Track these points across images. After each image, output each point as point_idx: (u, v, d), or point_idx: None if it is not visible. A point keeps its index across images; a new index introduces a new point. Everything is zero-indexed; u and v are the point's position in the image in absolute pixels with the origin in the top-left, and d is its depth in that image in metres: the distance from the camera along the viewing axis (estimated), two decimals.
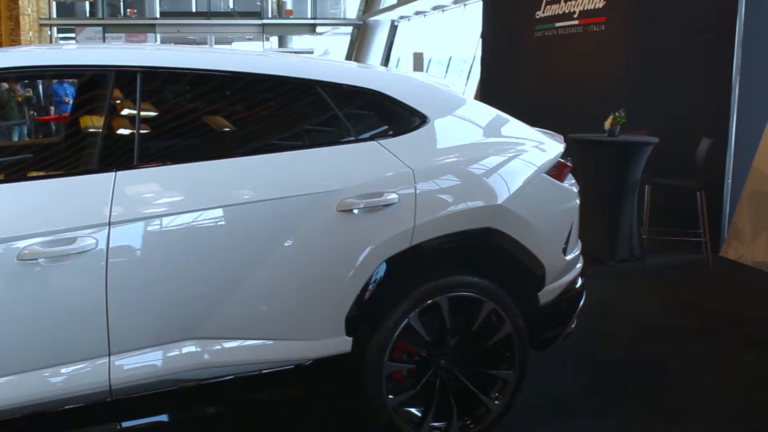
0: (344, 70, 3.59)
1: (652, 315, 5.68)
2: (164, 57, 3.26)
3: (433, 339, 3.40)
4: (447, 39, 21.93)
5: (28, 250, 2.76)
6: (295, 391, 3.37)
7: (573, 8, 9.86)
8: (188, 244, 2.99)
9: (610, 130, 7.24)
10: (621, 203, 7.18)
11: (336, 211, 3.14)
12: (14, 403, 2.84)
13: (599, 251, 7.07)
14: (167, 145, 3.25)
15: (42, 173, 3.32)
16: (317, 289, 3.18)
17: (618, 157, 7.13)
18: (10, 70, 3.10)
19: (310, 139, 3.43)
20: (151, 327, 2.97)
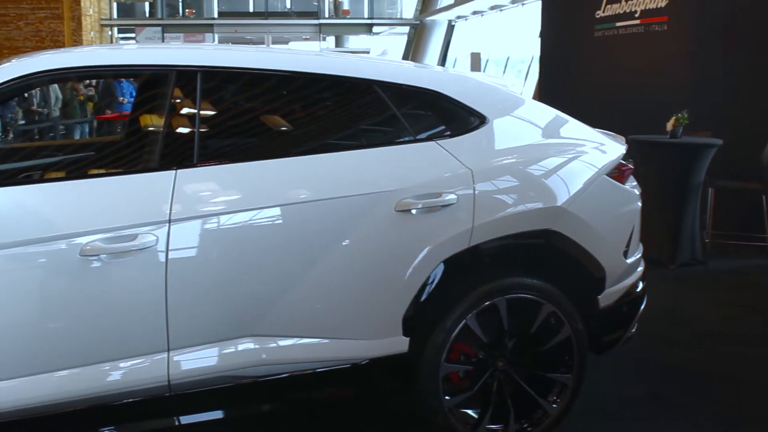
0: (403, 70, 3.58)
1: (713, 320, 5.56)
2: (224, 56, 3.29)
3: (491, 341, 3.36)
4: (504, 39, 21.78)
5: (90, 246, 2.80)
6: (349, 391, 3.38)
7: (634, 7, 9.70)
8: (246, 242, 3.01)
9: (672, 132, 7.10)
10: (683, 206, 7.04)
11: (394, 211, 3.13)
12: (75, 396, 2.89)
13: (660, 254, 6.95)
14: (226, 144, 3.28)
15: (104, 171, 3.38)
16: (374, 289, 3.17)
17: (680, 159, 6.99)
18: (74, 70, 3.16)
19: (368, 139, 3.43)
20: (209, 323, 3.00)
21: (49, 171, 3.82)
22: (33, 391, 2.84)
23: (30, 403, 2.84)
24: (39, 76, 3.03)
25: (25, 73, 2.98)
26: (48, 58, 3.12)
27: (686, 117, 7.06)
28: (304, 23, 27.77)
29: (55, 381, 2.86)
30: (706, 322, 5.52)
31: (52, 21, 22.48)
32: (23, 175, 3.80)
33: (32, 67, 3.01)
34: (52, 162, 3.95)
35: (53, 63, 3.09)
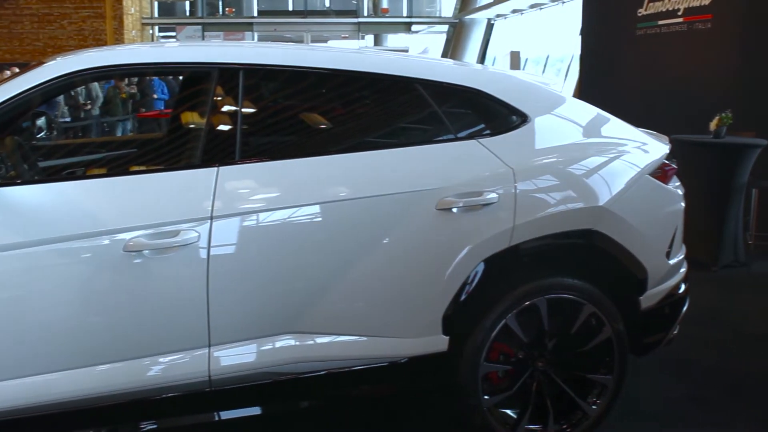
0: (444, 68, 3.58)
1: (756, 322, 5.47)
2: (265, 54, 3.31)
3: (531, 341, 3.35)
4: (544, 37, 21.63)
5: (133, 242, 2.83)
6: (388, 389, 3.38)
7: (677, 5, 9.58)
8: (286, 239, 3.02)
9: (715, 131, 6.99)
10: (726, 207, 6.93)
11: (435, 209, 3.12)
12: (117, 390, 2.93)
13: (703, 256, 6.85)
14: (267, 141, 3.30)
15: (147, 167, 3.42)
16: (414, 287, 3.17)
17: (724, 159, 6.88)
18: (118, 68, 3.20)
19: (409, 137, 3.43)
20: (249, 320, 3.02)
21: (93, 167, 3.88)
22: (75, 384, 2.88)
23: (72, 397, 2.88)
24: (84, 73, 3.07)
25: (70, 70, 3.02)
26: (93, 56, 3.16)
27: (730, 117, 6.95)
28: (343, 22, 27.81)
29: (97, 375, 2.90)
30: (749, 324, 5.43)
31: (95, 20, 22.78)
32: (68, 171, 3.87)
33: (77, 65, 3.05)
34: (96, 158, 4.01)
35: (98, 61, 3.13)
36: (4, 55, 21.74)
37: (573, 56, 18.54)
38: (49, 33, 22.65)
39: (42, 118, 4.04)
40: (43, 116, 4.05)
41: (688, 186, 3.98)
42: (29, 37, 22.69)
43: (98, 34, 22.60)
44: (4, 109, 2.92)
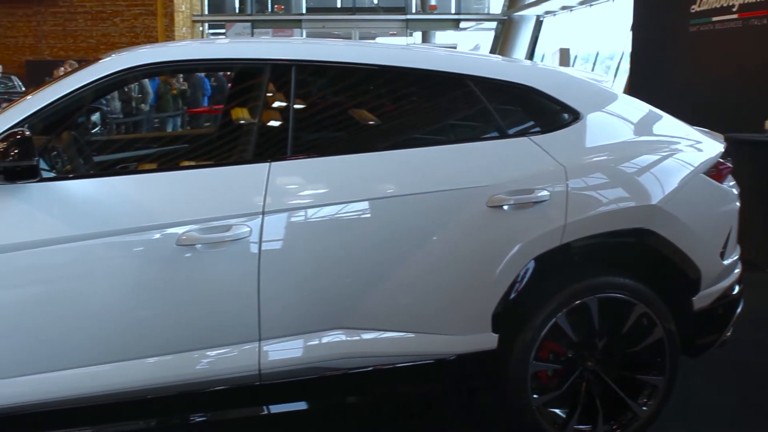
0: (496, 65, 3.56)
1: None
2: (317, 50, 3.33)
3: (581, 340, 3.31)
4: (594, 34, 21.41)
5: (186, 236, 2.87)
6: (435, 386, 3.38)
7: (732, 1, 9.41)
8: (336, 235, 3.04)
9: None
10: None
11: (486, 206, 3.11)
12: (167, 382, 2.97)
13: (757, 257, 6.72)
14: (318, 137, 3.32)
15: (200, 162, 3.45)
16: (464, 285, 3.16)
17: None
18: (172, 64, 3.25)
19: (460, 134, 3.43)
20: (299, 314, 3.04)
21: (147, 162, 3.94)
22: (126, 376, 2.93)
23: (123, 388, 2.93)
24: (139, 69, 3.12)
25: (125, 66, 3.06)
26: (148, 53, 3.21)
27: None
28: (391, 18, 27.82)
29: (147, 367, 2.94)
30: None
31: (146, 17, 23.10)
32: (121, 166, 3.93)
33: (132, 61, 3.10)
34: (149, 153, 4.06)
35: (153, 57, 3.18)
36: (59, 52, 22.16)
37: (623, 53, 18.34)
38: (101, 30, 23.03)
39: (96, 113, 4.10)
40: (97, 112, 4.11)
41: (744, 185, 3.91)
42: (83, 34, 23.09)
43: (149, 31, 22.92)
44: (62, 104, 2.97)
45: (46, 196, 2.84)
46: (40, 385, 2.86)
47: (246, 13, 28.31)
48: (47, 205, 2.83)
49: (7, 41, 22.77)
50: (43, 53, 21.29)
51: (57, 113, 3.03)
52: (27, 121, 2.89)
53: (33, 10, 22.87)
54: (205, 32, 27.31)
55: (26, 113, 2.92)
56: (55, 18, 22.97)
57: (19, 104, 3.03)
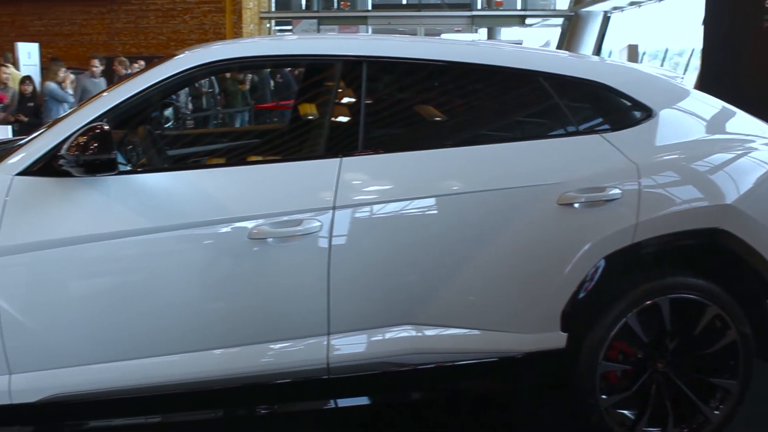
0: (567, 61, 3.53)
1: None
2: (389, 46, 3.34)
3: (651, 341, 3.26)
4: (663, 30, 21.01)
5: (257, 229, 2.91)
6: (502, 384, 3.37)
7: None
8: (406, 230, 3.05)
9: None
10: None
11: (556, 204, 3.09)
12: (237, 374, 3.02)
13: None
14: (388, 133, 3.33)
15: (271, 157, 3.50)
16: (533, 282, 3.15)
17: None
18: (247, 60, 3.30)
19: (531, 131, 3.40)
20: (368, 309, 3.06)
21: (219, 157, 4.00)
22: (196, 366, 2.98)
23: (192, 378, 2.99)
24: (214, 65, 3.17)
25: (200, 62, 3.12)
26: (222, 49, 3.26)
27: None
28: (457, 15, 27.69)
29: (217, 358, 3.00)
30: None
31: (215, 14, 23.41)
32: (194, 159, 4.00)
33: (208, 57, 3.16)
34: (222, 148, 4.13)
35: (227, 53, 3.23)
36: (130, 49, 22.60)
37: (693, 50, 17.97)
38: (172, 27, 23.42)
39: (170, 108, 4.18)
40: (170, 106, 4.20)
41: None
42: (153, 31, 23.53)
43: (218, 28, 23.24)
44: (138, 99, 3.04)
45: (122, 189, 2.91)
46: (111, 374, 2.94)
47: (312, 9, 28.49)
48: (124, 197, 2.90)
49: (81, 38, 23.33)
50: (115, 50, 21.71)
51: (133, 108, 3.11)
52: (105, 116, 2.97)
53: (107, 8, 23.39)
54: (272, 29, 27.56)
55: (105, 108, 2.99)
56: (128, 15, 23.45)
57: (98, 99, 3.11)
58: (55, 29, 23.38)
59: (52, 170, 2.87)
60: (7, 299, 2.82)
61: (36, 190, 2.87)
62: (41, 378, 2.90)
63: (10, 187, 2.85)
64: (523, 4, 28.51)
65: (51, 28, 23.37)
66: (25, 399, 2.89)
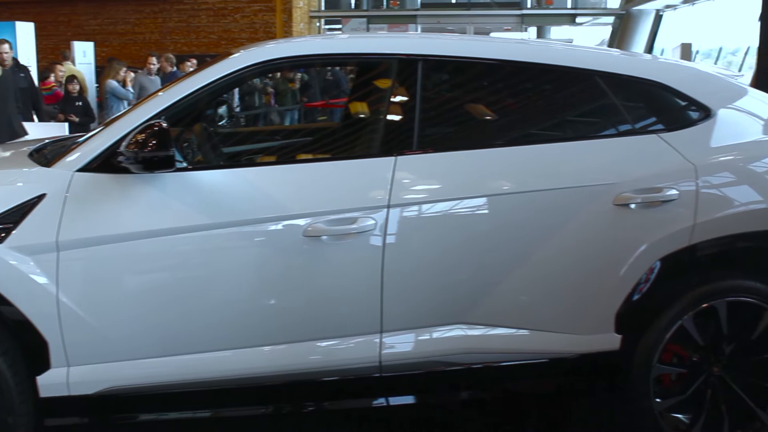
0: (623, 60, 3.51)
1: None
2: (444, 45, 3.34)
3: (707, 344, 3.21)
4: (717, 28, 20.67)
5: (312, 227, 2.93)
6: (554, 385, 3.34)
7: None
8: (460, 229, 3.05)
9: None
10: None
11: (612, 204, 3.06)
12: (286, 370, 3.04)
13: None
14: (443, 131, 3.33)
15: (326, 155, 3.51)
16: (587, 283, 3.12)
17: None
18: (303, 58, 3.34)
19: (587, 130, 3.37)
20: (421, 308, 3.06)
21: (273, 154, 4.03)
22: (248, 362, 3.01)
23: (244, 374, 3.02)
24: (269, 63, 3.20)
25: (255, 61, 3.15)
26: (278, 47, 3.29)
27: None
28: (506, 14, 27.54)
29: (268, 355, 3.02)
30: None
31: (266, 13, 23.58)
32: (248, 157, 4.04)
33: (263, 56, 3.18)
34: (276, 146, 4.16)
35: (282, 52, 3.25)
36: (182, 48, 22.88)
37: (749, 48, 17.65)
38: (223, 26, 23.65)
39: (223, 106, 4.24)
40: (224, 104, 4.26)
41: None
42: (205, 30, 23.78)
43: (268, 27, 23.40)
44: (196, 97, 3.09)
45: (179, 186, 2.95)
46: (163, 368, 2.98)
47: (362, 8, 28.56)
48: (180, 194, 2.94)
49: (135, 37, 23.69)
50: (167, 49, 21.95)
51: (190, 106, 3.15)
52: (163, 114, 3.01)
53: (159, 7, 23.71)
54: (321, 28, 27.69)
55: (163, 106, 3.04)
56: (180, 15, 23.74)
57: (156, 97, 3.16)
58: (109, 28, 23.77)
59: (111, 167, 2.92)
60: (67, 293, 2.87)
61: (95, 186, 2.92)
62: (98, 371, 2.95)
63: (71, 184, 2.91)
64: (574, 2, 28.22)
65: (105, 27, 23.77)
66: (82, 391, 2.95)
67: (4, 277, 2.84)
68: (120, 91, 11.20)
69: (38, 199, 2.88)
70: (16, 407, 2.91)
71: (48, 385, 2.93)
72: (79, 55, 15.41)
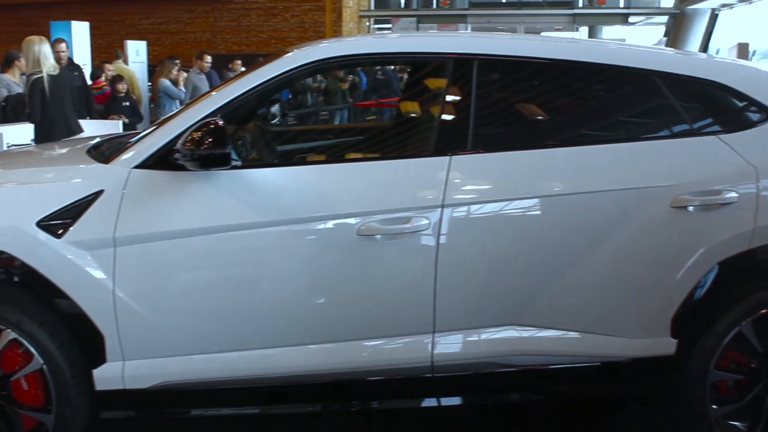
0: (682, 60, 3.45)
1: None
2: (500, 44, 3.31)
3: (766, 351, 3.14)
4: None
5: (366, 226, 2.92)
6: (607, 388, 3.30)
7: None
8: (514, 231, 3.03)
9: None
10: None
11: (669, 207, 3.01)
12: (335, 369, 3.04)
13: None
14: (498, 132, 3.31)
15: (379, 154, 3.51)
16: (643, 287, 3.08)
17: None
18: (358, 57, 3.34)
19: (645, 131, 3.33)
20: (474, 308, 3.05)
21: (326, 153, 4.05)
22: (299, 360, 3.02)
23: (296, 372, 3.03)
24: (323, 62, 3.21)
25: (310, 60, 3.16)
26: (331, 46, 3.30)
27: None
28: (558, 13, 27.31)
29: (320, 353, 3.03)
30: None
31: (315, 13, 23.70)
32: (300, 155, 4.06)
33: (317, 55, 3.20)
34: (329, 144, 4.18)
35: (336, 51, 3.26)
36: (232, 47, 23.12)
37: None
38: (273, 26, 23.83)
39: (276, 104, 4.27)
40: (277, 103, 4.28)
41: None
42: (255, 29, 23.98)
43: (318, 27, 23.51)
44: (251, 96, 3.11)
45: (234, 183, 2.97)
46: (214, 364, 3.01)
47: (411, 8, 28.55)
48: (235, 191, 2.96)
49: (186, 36, 23.99)
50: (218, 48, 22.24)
51: (245, 104, 3.18)
52: (219, 112, 3.03)
53: (210, 7, 23.97)
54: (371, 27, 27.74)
55: (219, 104, 3.06)
56: (230, 14, 23.97)
57: (211, 95, 3.18)
58: (162, 27, 24.12)
59: (167, 164, 2.96)
60: (123, 288, 2.91)
61: (151, 183, 2.96)
62: (152, 366, 2.99)
63: (128, 180, 2.95)
64: (627, 2, 27.89)
65: (158, 26, 24.13)
66: (137, 385, 2.99)
67: (62, 271, 2.89)
68: (172, 90, 11.35)
69: (96, 195, 2.93)
70: (72, 399, 2.96)
71: (104, 378, 2.98)
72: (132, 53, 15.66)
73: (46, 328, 2.93)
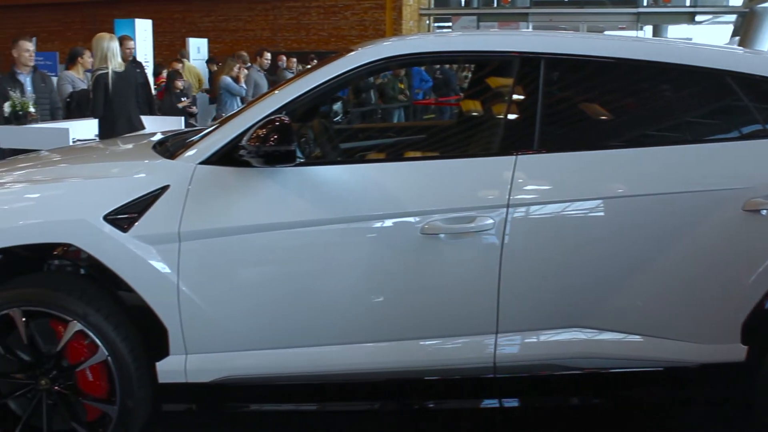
0: (755, 60, 3.35)
1: None
2: (567, 43, 3.27)
3: None
4: None
5: (429, 225, 2.91)
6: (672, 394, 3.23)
7: None
8: (580, 232, 2.98)
9: None
10: None
11: (741, 210, 2.93)
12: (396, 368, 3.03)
13: None
14: (565, 132, 3.25)
15: (443, 153, 3.49)
16: (712, 291, 3.01)
17: None
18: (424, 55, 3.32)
19: (716, 132, 3.25)
20: (537, 309, 3.01)
21: (389, 151, 4.03)
22: (359, 358, 3.02)
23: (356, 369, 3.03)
24: (388, 60, 3.20)
25: (375, 58, 3.16)
26: (395, 45, 3.29)
27: None
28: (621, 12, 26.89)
29: (382, 350, 3.03)
30: None
31: (375, 11, 23.74)
32: (363, 153, 4.05)
33: (382, 53, 3.19)
34: (392, 143, 4.17)
35: (400, 49, 3.26)
36: (292, 45, 23.27)
37: None
38: (333, 24, 23.93)
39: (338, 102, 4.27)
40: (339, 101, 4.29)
41: None
42: (315, 27, 24.12)
43: (378, 25, 23.55)
44: (316, 93, 3.12)
45: (299, 180, 2.98)
46: (274, 360, 3.02)
47: (472, 6, 28.43)
48: (300, 188, 2.97)
49: (246, 34, 24.24)
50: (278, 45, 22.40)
51: (310, 102, 3.19)
52: (284, 109, 3.04)
53: (271, 5, 24.18)
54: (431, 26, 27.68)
55: (284, 101, 3.07)
56: (290, 12, 24.14)
57: (276, 93, 3.19)
58: (222, 25, 24.39)
59: (232, 160, 2.97)
60: (187, 283, 2.94)
61: (216, 178, 2.98)
62: (214, 360, 3.02)
63: (193, 176, 2.97)
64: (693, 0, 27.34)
65: (218, 24, 24.40)
66: (199, 379, 3.02)
67: (127, 264, 2.93)
68: (233, 87, 11.47)
69: (162, 190, 2.96)
70: (135, 391, 3.00)
71: (167, 371, 3.01)
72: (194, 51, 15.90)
73: (111, 320, 2.97)
